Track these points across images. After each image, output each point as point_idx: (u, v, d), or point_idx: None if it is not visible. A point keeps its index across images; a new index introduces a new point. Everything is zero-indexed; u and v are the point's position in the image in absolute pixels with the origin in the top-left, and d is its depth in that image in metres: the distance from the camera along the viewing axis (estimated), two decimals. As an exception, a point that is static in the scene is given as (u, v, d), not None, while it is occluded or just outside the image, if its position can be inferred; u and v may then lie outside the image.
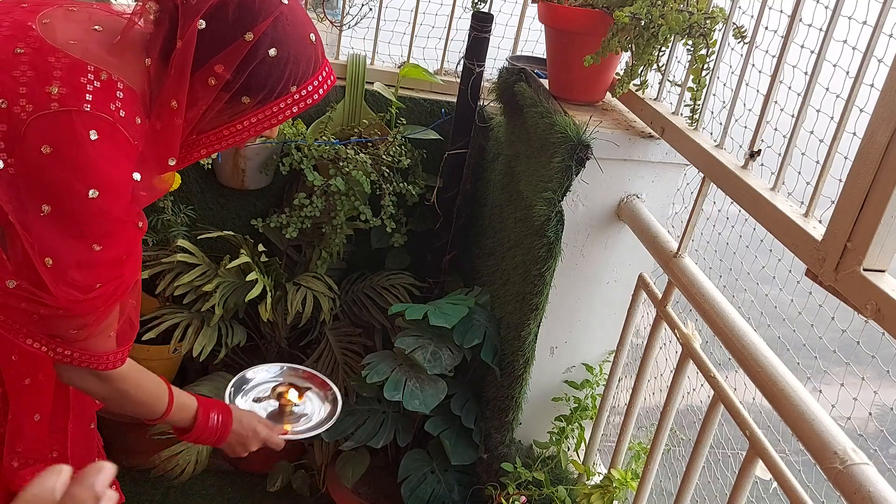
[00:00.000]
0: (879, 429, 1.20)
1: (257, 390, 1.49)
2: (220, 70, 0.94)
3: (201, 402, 1.27)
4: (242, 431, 1.31)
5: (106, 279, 0.96)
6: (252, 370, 1.52)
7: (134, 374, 1.14)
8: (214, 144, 1.06)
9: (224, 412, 1.30)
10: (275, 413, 1.44)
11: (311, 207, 2.17)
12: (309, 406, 1.48)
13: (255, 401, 1.47)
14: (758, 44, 1.36)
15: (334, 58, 2.36)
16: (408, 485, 1.93)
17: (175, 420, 1.24)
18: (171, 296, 2.12)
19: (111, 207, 0.92)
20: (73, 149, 0.88)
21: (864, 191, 0.99)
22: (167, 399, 1.20)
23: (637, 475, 1.65)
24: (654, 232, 1.59)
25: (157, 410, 1.20)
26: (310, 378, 1.52)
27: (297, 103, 1.02)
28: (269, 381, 1.51)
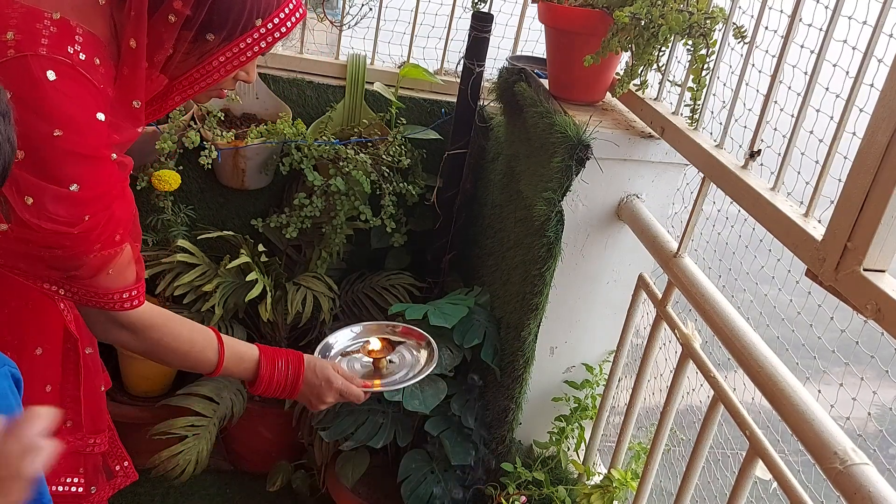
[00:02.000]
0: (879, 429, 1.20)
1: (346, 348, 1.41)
2: (179, 6, 0.94)
3: (264, 351, 1.23)
4: (316, 381, 1.25)
5: (93, 212, 0.95)
6: (333, 335, 1.44)
7: (166, 322, 1.12)
8: (187, 89, 1.05)
9: (294, 360, 1.24)
10: (369, 371, 1.37)
11: (311, 207, 2.17)
12: (402, 359, 1.40)
13: (343, 355, 1.40)
14: (758, 44, 1.36)
15: (334, 58, 2.37)
16: (408, 485, 1.93)
17: (235, 372, 1.20)
18: (171, 296, 2.12)
19: (78, 146, 0.91)
20: (32, 90, 0.88)
21: (864, 191, 0.99)
22: (217, 348, 1.17)
23: (637, 475, 1.65)
24: (654, 232, 1.59)
25: (206, 361, 1.16)
26: (406, 333, 1.45)
27: (263, 38, 1.00)
28: (356, 341, 1.43)
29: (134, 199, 1.06)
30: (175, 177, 2.09)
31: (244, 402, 2.23)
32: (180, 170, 2.13)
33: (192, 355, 1.16)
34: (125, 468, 1.36)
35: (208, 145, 2.09)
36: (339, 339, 1.43)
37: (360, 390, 1.30)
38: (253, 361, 1.22)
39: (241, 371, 1.21)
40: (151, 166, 2.09)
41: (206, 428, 2.11)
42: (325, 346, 1.41)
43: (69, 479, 1.24)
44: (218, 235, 2.23)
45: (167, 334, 1.13)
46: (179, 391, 2.20)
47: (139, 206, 2.41)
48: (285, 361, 1.24)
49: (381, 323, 1.47)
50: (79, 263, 0.98)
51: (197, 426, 2.10)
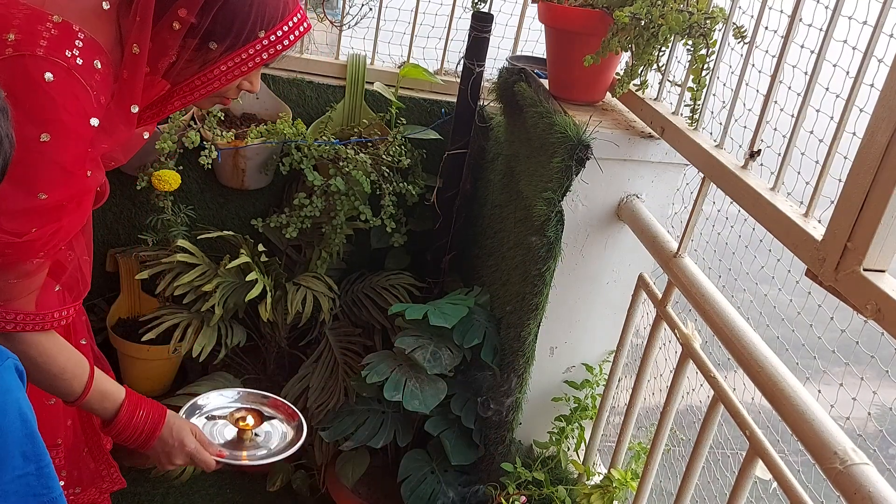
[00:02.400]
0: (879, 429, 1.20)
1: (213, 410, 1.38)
2: (184, 14, 0.94)
3: (130, 396, 1.20)
4: (170, 440, 1.23)
5: (41, 224, 0.94)
6: (204, 396, 1.40)
7: (47, 345, 1.09)
8: (187, 95, 1.05)
9: (156, 414, 1.22)
10: (233, 440, 1.34)
11: (311, 207, 2.17)
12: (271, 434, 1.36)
13: (208, 419, 1.36)
14: (758, 44, 1.36)
15: (334, 58, 2.37)
16: (408, 485, 1.93)
17: (94, 408, 1.17)
18: (171, 296, 2.12)
19: (62, 154, 0.91)
20: (26, 91, 0.88)
21: (864, 191, 0.99)
22: (85, 380, 1.14)
23: (637, 475, 1.65)
24: (654, 232, 1.59)
25: (71, 389, 1.13)
26: (274, 405, 1.41)
27: (266, 49, 1.01)
28: (226, 406, 1.40)
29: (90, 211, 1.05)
30: (175, 177, 2.09)
31: (244, 402, 2.23)
32: (180, 170, 2.13)
33: (61, 380, 1.12)
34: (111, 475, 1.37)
35: (208, 145, 2.09)
36: (210, 401, 1.40)
37: (213, 458, 1.28)
38: (116, 403, 1.19)
39: (100, 409, 1.18)
40: (151, 166, 2.09)
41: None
42: (194, 406, 1.38)
43: None
44: (218, 235, 2.23)
45: (42, 353, 1.09)
46: (179, 391, 2.19)
47: (139, 206, 2.42)
48: (146, 413, 1.21)
49: (255, 392, 1.43)
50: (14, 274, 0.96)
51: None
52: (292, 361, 2.41)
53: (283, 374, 2.38)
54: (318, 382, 2.20)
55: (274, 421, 1.38)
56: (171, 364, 2.38)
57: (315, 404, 2.15)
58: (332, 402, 2.14)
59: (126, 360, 2.34)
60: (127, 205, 2.34)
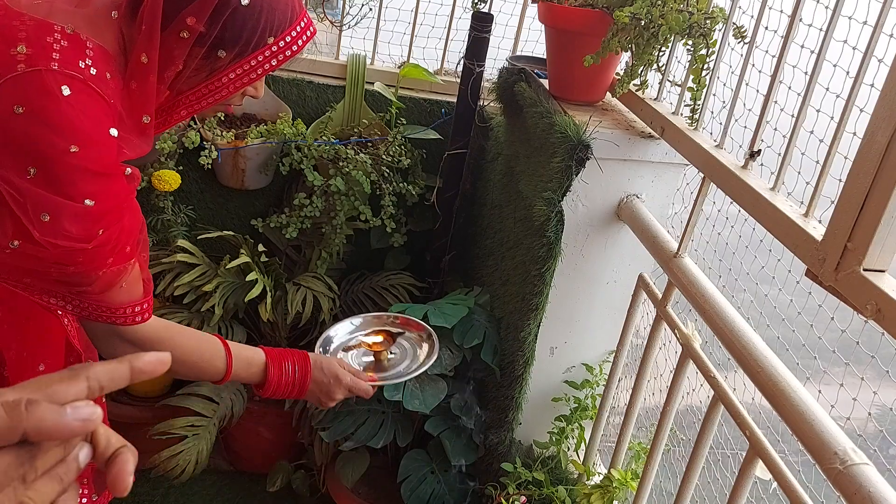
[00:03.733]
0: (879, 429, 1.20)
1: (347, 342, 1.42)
2: (192, 22, 0.93)
3: (270, 354, 1.23)
4: (324, 379, 1.25)
5: (106, 225, 0.95)
6: (332, 328, 1.44)
7: (173, 336, 1.12)
8: (194, 104, 1.04)
9: (300, 360, 1.25)
10: (371, 364, 1.38)
11: (311, 207, 2.17)
12: (403, 351, 1.40)
13: (344, 350, 1.40)
14: (758, 44, 1.36)
15: (334, 58, 2.37)
16: (408, 485, 1.93)
17: (243, 377, 1.20)
18: (171, 296, 2.12)
19: (93, 162, 0.91)
20: (47, 106, 0.87)
21: (864, 191, 0.99)
22: (223, 356, 1.17)
23: (637, 475, 1.65)
24: (654, 232, 1.59)
25: (214, 370, 1.17)
26: (405, 323, 1.45)
27: (275, 55, 1.00)
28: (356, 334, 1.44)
29: (140, 209, 1.06)
30: (175, 177, 2.09)
31: (244, 402, 2.23)
32: (180, 170, 2.13)
33: (201, 366, 1.16)
34: None
35: (208, 145, 2.09)
36: (339, 331, 1.44)
37: (368, 385, 1.31)
38: (260, 366, 1.22)
39: (249, 376, 1.21)
40: (151, 166, 2.09)
41: (205, 428, 2.11)
42: (326, 339, 1.41)
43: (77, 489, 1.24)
44: (218, 235, 2.23)
45: (176, 347, 1.12)
46: (179, 391, 2.20)
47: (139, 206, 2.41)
48: (292, 363, 1.24)
49: (380, 314, 1.48)
50: (91, 279, 0.97)
51: (197, 426, 2.10)
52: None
53: (283, 374, 2.38)
54: (318, 382, 2.20)
55: (403, 337, 1.43)
56: (171, 364, 2.38)
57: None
58: (332, 402, 2.14)
59: (126, 360, 2.34)
60: (127, 205, 2.34)
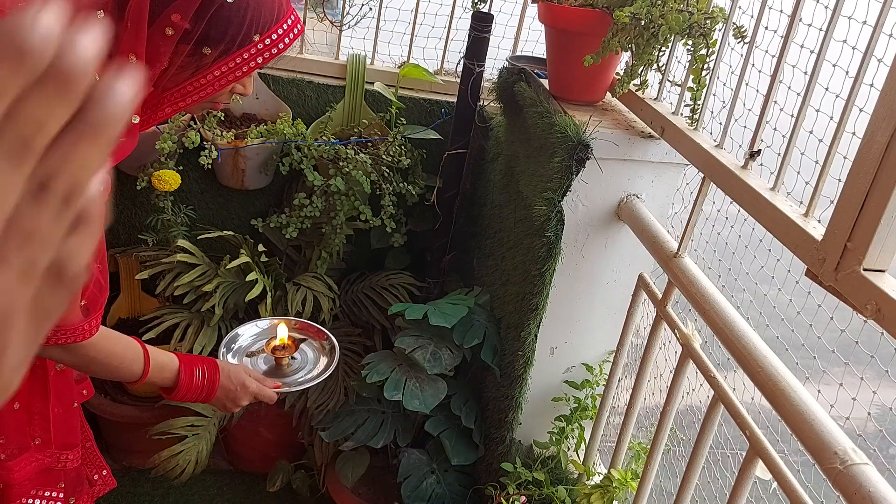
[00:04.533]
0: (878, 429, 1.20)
1: (249, 347, 1.45)
2: (177, 19, 0.92)
3: (183, 359, 1.26)
4: (230, 386, 1.29)
5: None
6: (242, 327, 1.48)
7: (102, 342, 1.12)
8: (178, 101, 1.03)
9: (209, 367, 1.28)
10: (272, 368, 1.41)
11: (311, 207, 2.17)
12: (306, 357, 1.44)
13: (248, 356, 1.43)
14: (758, 44, 1.36)
15: (334, 58, 2.37)
16: (408, 485, 1.93)
17: (156, 381, 1.23)
18: (171, 296, 2.12)
19: None
20: None
21: (864, 191, 0.99)
22: (142, 361, 1.19)
23: (637, 475, 1.65)
24: (654, 232, 1.59)
25: (132, 373, 1.19)
26: (305, 328, 1.48)
27: (261, 53, 0.99)
28: (262, 336, 1.47)
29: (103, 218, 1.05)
30: (175, 177, 2.09)
31: (244, 402, 2.23)
32: (180, 170, 2.13)
33: (122, 369, 1.18)
34: (104, 477, 1.39)
35: (208, 145, 2.09)
36: (245, 333, 1.48)
37: (273, 391, 1.34)
38: (173, 371, 1.25)
39: (161, 380, 1.24)
40: (151, 166, 2.09)
41: (205, 428, 2.11)
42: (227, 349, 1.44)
43: (49, 492, 1.25)
44: (218, 235, 2.23)
45: (101, 351, 1.13)
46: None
47: (139, 206, 2.41)
48: (202, 369, 1.27)
49: (284, 318, 1.50)
50: None
51: (197, 426, 2.10)
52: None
53: (283, 374, 2.39)
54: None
55: (305, 343, 1.46)
56: (171, 364, 2.38)
57: (315, 404, 2.15)
58: (332, 402, 2.14)
59: (126, 360, 2.34)
60: (127, 205, 2.34)
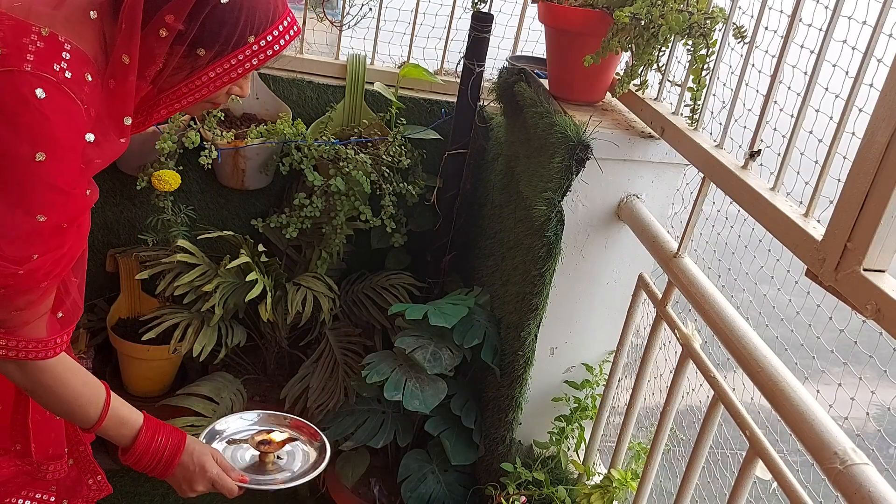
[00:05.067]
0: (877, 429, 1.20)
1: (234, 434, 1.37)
2: (171, 20, 0.92)
3: (148, 422, 1.17)
4: (191, 466, 1.19)
5: (44, 250, 0.92)
6: (223, 421, 1.38)
7: (60, 370, 1.06)
8: (174, 103, 1.02)
9: (174, 439, 1.19)
10: (255, 463, 1.32)
11: (311, 207, 2.17)
12: (292, 458, 1.34)
13: (229, 443, 1.34)
14: (758, 44, 1.36)
15: (334, 58, 2.37)
16: (408, 485, 1.93)
17: (111, 434, 1.14)
18: (171, 296, 2.12)
19: (58, 175, 0.89)
20: (17, 109, 0.85)
21: (864, 191, 0.99)
22: (102, 406, 1.11)
23: (637, 475, 1.65)
24: (654, 232, 1.59)
25: (86, 416, 1.10)
26: (296, 426, 1.39)
27: (256, 55, 0.98)
28: (246, 429, 1.37)
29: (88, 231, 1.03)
30: (175, 177, 2.09)
31: (244, 402, 2.23)
32: (180, 170, 2.13)
33: (74, 408, 1.10)
34: (98, 482, 1.34)
35: (208, 145, 2.09)
36: (230, 425, 1.38)
37: (235, 484, 1.24)
38: (134, 429, 1.16)
39: (118, 436, 1.15)
40: (151, 166, 2.09)
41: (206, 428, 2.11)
42: (212, 432, 1.36)
43: (40, 495, 1.22)
44: (218, 235, 2.23)
45: (57, 380, 1.06)
46: (179, 391, 2.20)
47: (139, 206, 2.42)
48: (165, 438, 1.18)
49: (277, 414, 1.42)
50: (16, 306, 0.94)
51: (197, 426, 2.10)
52: (292, 361, 2.41)
53: (283, 374, 2.38)
54: (318, 382, 2.20)
55: (296, 442, 1.37)
56: (172, 364, 2.38)
57: (315, 404, 2.15)
58: (332, 402, 2.14)
59: (126, 360, 2.34)
60: (127, 205, 2.34)
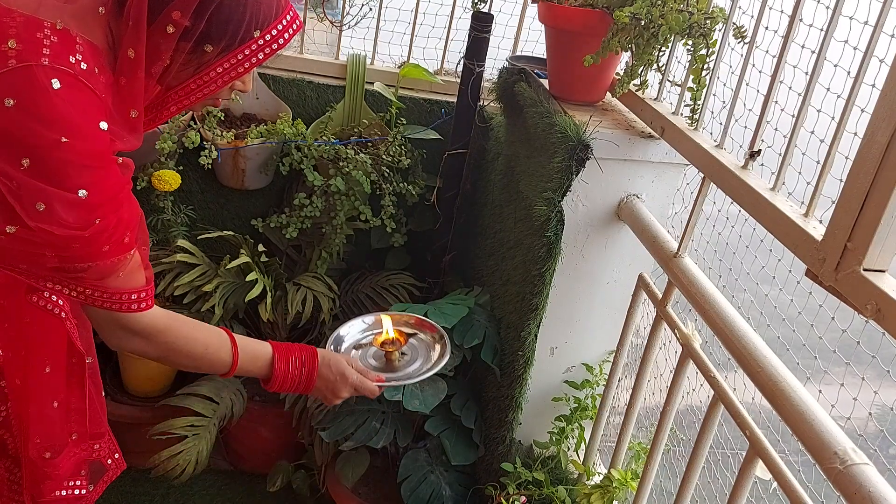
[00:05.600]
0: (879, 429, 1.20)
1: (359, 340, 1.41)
2: (178, 16, 0.93)
3: (277, 348, 1.23)
4: (330, 376, 1.26)
5: (103, 215, 0.96)
6: (345, 325, 1.42)
7: (178, 326, 1.12)
8: (183, 99, 1.05)
9: (307, 355, 1.25)
10: (382, 363, 1.37)
11: (311, 207, 2.17)
12: (416, 353, 1.39)
13: (356, 348, 1.39)
14: (758, 44, 1.36)
15: (334, 58, 2.37)
16: (408, 485, 1.93)
17: (249, 370, 1.21)
18: (171, 296, 2.12)
19: (83, 155, 0.92)
20: (37, 99, 0.88)
21: (864, 191, 0.99)
22: (230, 349, 1.18)
23: (637, 475, 1.65)
24: (654, 232, 1.59)
25: (220, 362, 1.17)
26: (417, 323, 1.44)
27: (262, 49, 1.00)
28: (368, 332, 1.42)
29: (138, 203, 1.07)
30: (175, 177, 2.09)
31: (244, 402, 2.23)
32: (180, 170, 2.13)
33: (207, 357, 1.17)
34: (116, 460, 1.37)
35: (208, 145, 2.09)
36: (352, 330, 1.43)
37: (375, 385, 1.31)
38: (267, 359, 1.22)
39: (255, 370, 1.22)
40: (151, 166, 2.09)
41: (205, 428, 2.11)
42: (337, 338, 1.40)
43: (73, 482, 1.24)
44: (218, 235, 2.23)
45: (180, 337, 1.13)
46: (179, 391, 2.20)
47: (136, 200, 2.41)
48: (299, 357, 1.24)
49: (393, 313, 1.46)
50: (88, 265, 0.98)
51: (197, 426, 2.10)
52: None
53: (283, 374, 2.38)
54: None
55: (417, 337, 1.42)
56: (171, 364, 2.38)
57: (315, 404, 2.15)
58: (332, 402, 2.14)
59: (126, 360, 2.34)
60: (127, 205, 2.34)
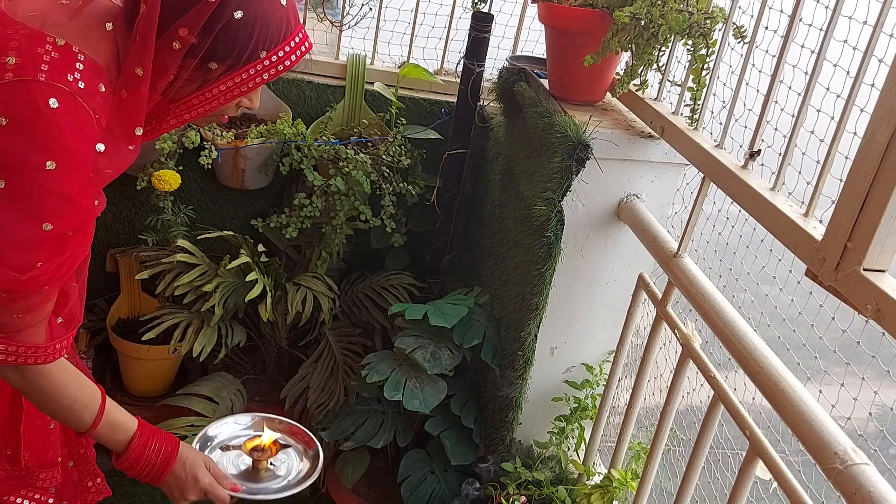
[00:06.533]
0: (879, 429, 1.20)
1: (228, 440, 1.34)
2: (185, 34, 0.92)
3: (142, 429, 1.18)
4: (182, 475, 1.19)
5: (48, 258, 0.93)
6: (215, 425, 1.36)
7: (57, 374, 1.07)
8: (184, 114, 1.03)
9: (168, 446, 1.19)
10: (247, 469, 1.30)
11: (311, 207, 2.17)
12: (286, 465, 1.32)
13: (223, 449, 1.33)
14: (758, 44, 1.36)
15: (334, 58, 2.36)
16: (408, 485, 1.93)
17: (105, 439, 1.15)
18: (171, 296, 2.12)
19: (68, 184, 0.90)
20: (31, 118, 0.86)
21: (864, 191, 0.99)
22: (97, 411, 1.12)
23: (637, 475, 1.65)
24: (654, 232, 1.59)
25: (80, 420, 1.11)
26: (290, 431, 1.37)
27: (267, 70, 0.99)
28: (240, 434, 1.36)
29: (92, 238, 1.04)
30: (175, 177, 2.09)
31: (244, 402, 2.23)
32: (180, 170, 2.13)
33: (70, 411, 1.11)
34: (97, 484, 1.35)
35: (208, 145, 2.09)
36: (223, 430, 1.36)
37: (227, 493, 1.24)
38: (128, 435, 1.16)
39: (112, 441, 1.16)
40: (151, 166, 2.09)
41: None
42: (205, 437, 1.34)
43: (38, 495, 1.23)
44: (218, 235, 2.23)
45: (54, 384, 1.07)
46: (179, 391, 2.20)
47: (139, 206, 2.42)
48: (159, 446, 1.18)
49: (270, 418, 1.39)
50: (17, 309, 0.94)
51: (197, 426, 2.10)
52: (292, 361, 2.41)
53: (283, 374, 2.38)
54: (318, 382, 2.20)
55: (290, 449, 1.35)
56: (171, 364, 2.38)
57: (315, 404, 2.15)
58: (332, 402, 2.14)
59: (126, 360, 2.34)
60: (127, 205, 2.34)
